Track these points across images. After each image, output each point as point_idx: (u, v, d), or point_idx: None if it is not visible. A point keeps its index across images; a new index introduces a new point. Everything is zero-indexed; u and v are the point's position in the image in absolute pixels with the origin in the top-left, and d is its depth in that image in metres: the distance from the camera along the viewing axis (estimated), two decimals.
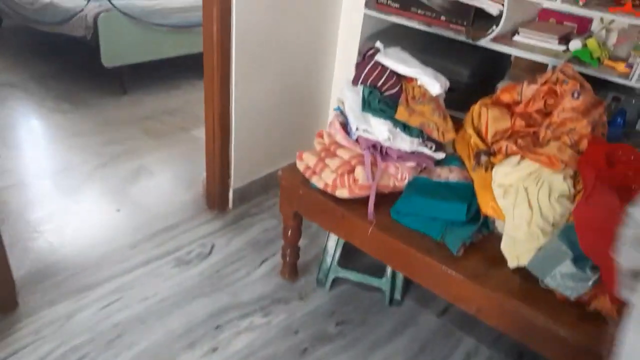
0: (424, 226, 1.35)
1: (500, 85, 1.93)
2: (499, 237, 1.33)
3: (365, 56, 1.49)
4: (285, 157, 1.85)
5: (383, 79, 1.39)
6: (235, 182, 2.17)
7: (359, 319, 1.71)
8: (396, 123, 1.39)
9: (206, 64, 1.89)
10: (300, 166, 1.51)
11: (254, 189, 2.24)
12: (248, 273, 1.87)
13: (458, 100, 1.98)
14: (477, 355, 1.60)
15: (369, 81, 1.40)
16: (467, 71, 1.92)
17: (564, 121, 1.35)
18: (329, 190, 1.43)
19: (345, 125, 1.47)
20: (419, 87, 1.40)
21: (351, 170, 1.40)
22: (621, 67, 1.71)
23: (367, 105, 1.39)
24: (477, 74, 1.95)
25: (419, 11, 2.02)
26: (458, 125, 1.56)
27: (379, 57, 1.41)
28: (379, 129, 1.37)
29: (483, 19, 1.95)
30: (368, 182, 1.37)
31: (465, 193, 1.40)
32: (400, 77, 1.43)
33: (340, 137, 1.43)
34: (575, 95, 1.35)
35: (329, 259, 1.74)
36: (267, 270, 1.89)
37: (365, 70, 1.40)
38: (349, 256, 1.78)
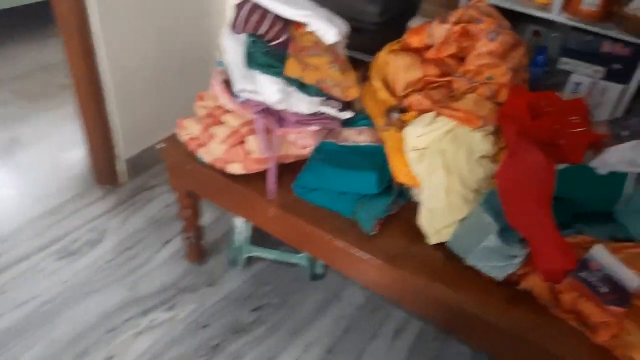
0: (333, 202, 1.16)
1: (412, 24, 1.72)
2: (416, 206, 1.17)
3: None
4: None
5: (266, 24, 1.13)
6: (126, 151, 1.87)
7: (278, 301, 1.53)
8: (290, 81, 1.15)
9: (60, 19, 1.53)
10: (183, 137, 1.25)
11: (149, 158, 1.94)
12: (148, 259, 1.63)
13: (368, 43, 1.77)
14: (407, 330, 1.48)
15: (250, 28, 1.14)
16: (376, 9, 1.70)
17: (481, 69, 1.17)
18: (219, 165, 1.20)
19: (230, 84, 1.21)
20: (311, 34, 1.15)
21: (243, 141, 1.17)
22: None
23: (251, 60, 1.14)
24: (387, 12, 1.73)
25: None
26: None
27: None
28: (268, 90, 1.13)
29: None
30: (264, 154, 1.15)
31: (378, 159, 1.21)
32: (287, 23, 1.17)
33: (224, 100, 1.18)
34: (492, 36, 1.17)
35: (239, 237, 1.54)
36: (170, 254, 1.65)
37: (243, 13, 1.13)
38: (263, 232, 1.58)
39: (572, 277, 0.98)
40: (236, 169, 1.18)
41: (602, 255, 1.02)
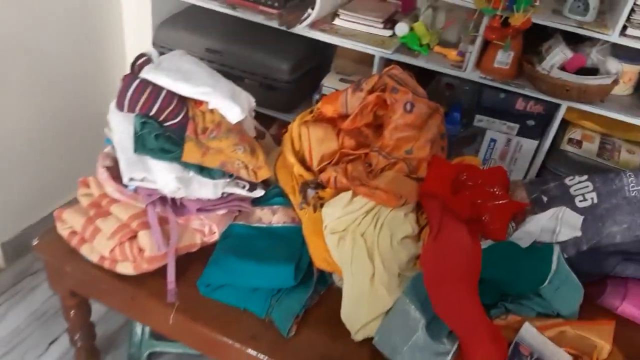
0: (244, 300, 1.02)
1: (326, 82, 1.64)
2: (339, 291, 1.05)
3: (135, 67, 1.06)
4: (70, 189, 1.37)
5: (158, 103, 0.98)
6: (3, 232, 1.61)
7: None
8: (188, 165, 1.01)
9: None
10: (63, 231, 1.06)
11: (33, 236, 1.68)
12: None
13: (281, 100, 1.67)
14: None
15: (139, 107, 0.98)
16: (287, 66, 1.60)
17: (398, 142, 1.09)
18: (106, 265, 1.02)
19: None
20: (212, 112, 1.02)
21: (133, 236, 1.00)
22: (452, 54, 1.53)
23: (141, 145, 0.98)
24: (298, 68, 1.64)
25: None
26: (286, 129, 1.24)
27: (147, 72, 0.99)
28: (163, 178, 0.98)
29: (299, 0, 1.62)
30: (160, 250, 0.99)
31: (294, 242, 1.09)
32: (184, 100, 1.03)
33: (110, 188, 1.01)
34: (408, 107, 1.10)
35: (138, 330, 1.34)
36: (57, 357, 1.41)
37: (130, 92, 0.97)
38: None
39: None
40: (127, 268, 1.00)
41: (531, 335, 0.97)
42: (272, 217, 1.14)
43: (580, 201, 1.15)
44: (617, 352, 0.96)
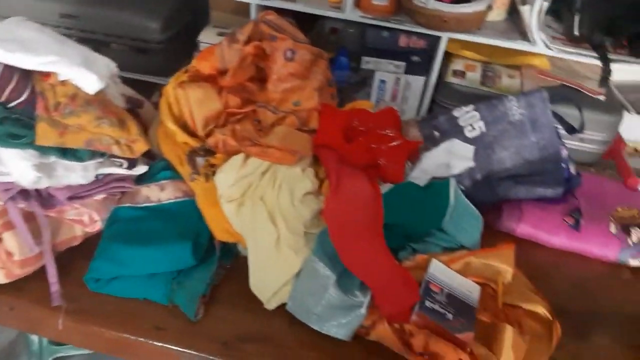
0: (141, 289, 0.93)
1: (203, 38, 1.52)
2: (247, 260, 0.99)
3: None
4: None
5: None
6: None
7: None
8: (47, 150, 0.87)
9: None
10: None
11: None
12: None
13: (155, 63, 1.53)
14: None
15: None
16: (157, 24, 1.45)
17: (285, 95, 1.03)
18: None
19: None
20: (65, 84, 0.88)
21: None
22: None
23: None
24: (170, 26, 1.49)
25: None
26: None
27: None
28: (17, 168, 0.84)
29: None
30: (31, 251, 0.86)
31: (189, 218, 1.01)
32: (28, 74, 0.87)
33: None
34: (289, 55, 1.03)
35: (34, 338, 1.21)
36: None
37: None
38: None
39: (418, 310, 0.91)
40: None
41: (439, 271, 0.98)
42: (160, 193, 1.04)
43: (470, 131, 1.17)
44: (519, 273, 1.01)
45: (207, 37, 1.53)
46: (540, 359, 0.89)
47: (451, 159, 1.15)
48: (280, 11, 1.41)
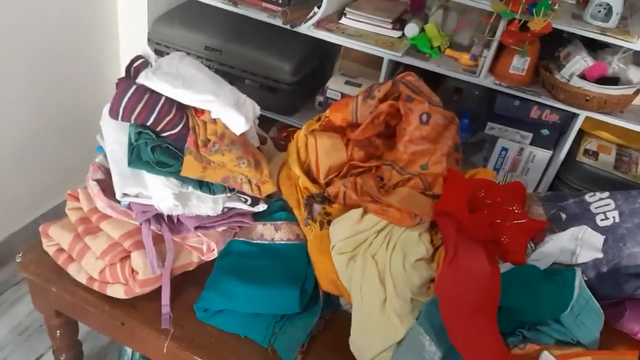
0: (245, 327, 0.94)
1: (331, 85, 1.56)
2: (346, 315, 0.98)
3: (131, 70, 0.97)
4: (62, 192, 1.26)
5: (156, 111, 0.88)
6: None
7: None
8: (187, 180, 0.92)
9: None
10: (49, 247, 0.98)
11: (18, 244, 1.59)
12: None
13: (283, 103, 1.59)
14: None
15: (135, 116, 0.89)
16: (289, 66, 1.52)
17: (414, 157, 1.02)
18: (95, 286, 0.94)
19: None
20: (214, 122, 0.93)
21: (126, 257, 0.92)
22: (465, 58, 1.45)
23: (136, 157, 0.89)
24: (301, 69, 1.55)
25: None
26: (287, 132, 1.16)
27: (145, 77, 0.90)
28: (159, 194, 0.89)
29: None
30: (154, 272, 0.91)
31: (298, 261, 1.01)
32: (184, 108, 0.94)
33: (102, 203, 0.93)
34: (424, 118, 1.02)
35: (128, 350, 1.26)
36: None
37: (125, 99, 0.88)
38: None
39: None
40: (117, 292, 0.92)
41: None
42: (275, 233, 1.06)
43: (602, 220, 1.08)
44: None
45: (334, 84, 1.58)
46: None
47: (578, 246, 1.07)
48: (411, 68, 1.43)
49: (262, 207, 1.05)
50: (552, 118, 1.42)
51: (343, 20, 1.53)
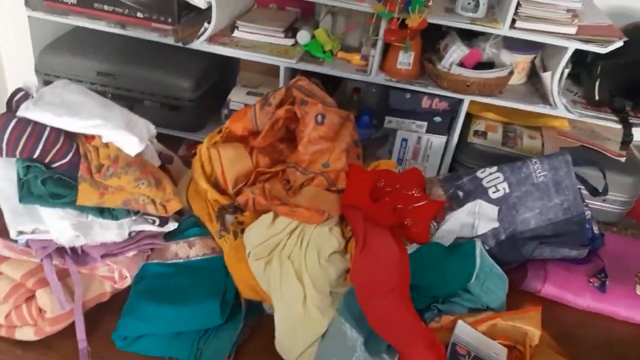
0: (168, 347, 0.93)
1: (233, 97, 1.58)
2: (271, 319, 0.99)
3: (12, 104, 0.93)
4: None
5: (41, 143, 0.85)
6: None
7: None
8: (85, 208, 0.90)
9: None
10: None
11: None
12: None
13: (186, 120, 1.58)
14: None
15: (19, 150, 0.85)
16: (188, 83, 1.52)
17: (314, 157, 1.06)
18: (3, 332, 0.89)
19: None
20: (107, 146, 0.92)
21: (31, 296, 0.88)
22: (356, 59, 1.52)
23: (27, 192, 0.86)
24: (202, 84, 1.56)
25: (105, 7, 1.51)
26: (196, 148, 1.15)
27: (26, 109, 0.87)
28: (57, 227, 0.86)
29: (194, 12, 1.54)
30: (63, 308, 0.88)
31: (216, 274, 1.02)
32: (72, 136, 0.92)
33: None
34: (320, 119, 1.06)
35: None
36: None
37: (7, 133, 0.84)
38: None
39: None
40: (27, 334, 0.88)
41: (466, 333, 0.97)
42: (189, 250, 1.06)
43: (494, 192, 1.18)
44: (545, 334, 0.99)
45: (236, 95, 1.59)
46: None
47: (476, 219, 1.16)
48: (308, 73, 1.48)
49: (172, 226, 1.04)
50: (441, 106, 1.53)
51: (236, 33, 1.56)
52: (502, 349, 0.95)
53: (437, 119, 1.57)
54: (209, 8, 1.45)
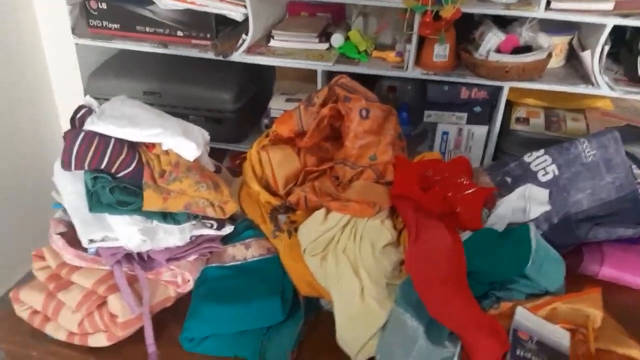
0: (233, 347, 0.95)
1: (273, 105, 1.62)
2: (330, 315, 1.01)
3: (75, 121, 0.99)
4: (23, 265, 1.23)
5: (108, 154, 0.91)
6: None
7: None
8: (150, 214, 0.95)
9: None
10: (22, 312, 0.97)
11: None
12: None
13: (229, 131, 1.63)
14: None
15: (88, 162, 0.91)
16: (229, 95, 1.57)
17: (361, 151, 1.08)
18: (76, 341, 0.93)
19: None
20: (167, 153, 0.96)
21: (102, 303, 0.92)
22: (391, 56, 1.54)
23: (96, 202, 0.91)
24: (242, 96, 1.61)
25: (147, 29, 1.57)
26: (240, 158, 1.19)
27: (91, 123, 0.92)
28: (125, 233, 0.91)
29: (230, 27, 1.60)
30: (133, 312, 0.92)
31: (274, 273, 1.04)
32: (134, 145, 0.97)
33: (69, 255, 0.93)
34: (364, 114, 1.08)
35: None
36: None
37: (75, 148, 0.90)
38: None
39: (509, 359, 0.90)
40: (100, 340, 0.92)
41: (526, 319, 0.95)
42: (246, 252, 1.09)
43: (543, 175, 1.17)
44: (607, 316, 0.97)
45: (276, 103, 1.63)
46: None
47: (527, 203, 1.15)
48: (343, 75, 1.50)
49: (228, 229, 1.08)
50: (480, 95, 1.53)
51: (272, 43, 1.60)
52: (564, 332, 0.94)
53: (477, 109, 1.56)
54: (245, 21, 1.49)
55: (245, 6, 1.46)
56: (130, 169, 0.93)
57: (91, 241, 0.91)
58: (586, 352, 0.91)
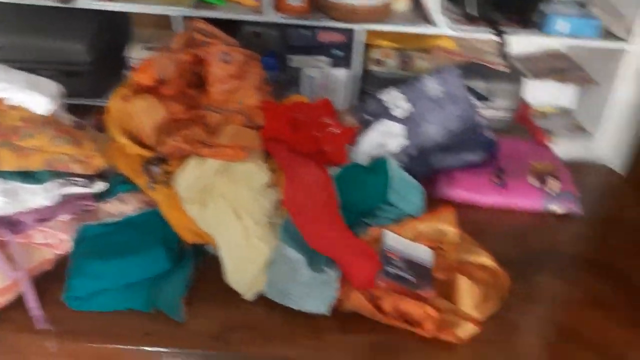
0: (123, 300, 0.96)
1: (132, 55, 1.53)
2: (217, 259, 1.04)
3: None
4: None
5: None
6: None
7: None
8: (7, 175, 0.88)
9: None
10: None
11: None
12: None
13: (86, 85, 1.53)
14: None
15: None
16: (82, 45, 1.46)
17: (227, 95, 1.09)
18: None
19: None
20: (16, 109, 0.89)
21: None
22: (248, 0, 1.53)
23: None
24: (97, 46, 1.50)
25: None
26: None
27: None
28: None
29: None
30: (8, 278, 0.87)
31: (156, 226, 1.04)
32: None
33: None
34: (225, 58, 1.09)
35: None
36: None
37: None
38: None
39: (381, 277, 1.00)
40: None
41: (393, 240, 1.07)
42: (123, 206, 1.07)
43: (397, 110, 1.26)
44: (463, 233, 1.11)
45: (134, 52, 1.55)
46: (493, 302, 1.00)
47: (385, 138, 1.26)
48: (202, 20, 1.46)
49: (100, 185, 1.04)
50: (338, 38, 1.60)
51: None
52: (427, 249, 1.07)
53: (337, 52, 1.64)
54: None
55: None
56: None
57: None
58: (446, 264, 1.05)
